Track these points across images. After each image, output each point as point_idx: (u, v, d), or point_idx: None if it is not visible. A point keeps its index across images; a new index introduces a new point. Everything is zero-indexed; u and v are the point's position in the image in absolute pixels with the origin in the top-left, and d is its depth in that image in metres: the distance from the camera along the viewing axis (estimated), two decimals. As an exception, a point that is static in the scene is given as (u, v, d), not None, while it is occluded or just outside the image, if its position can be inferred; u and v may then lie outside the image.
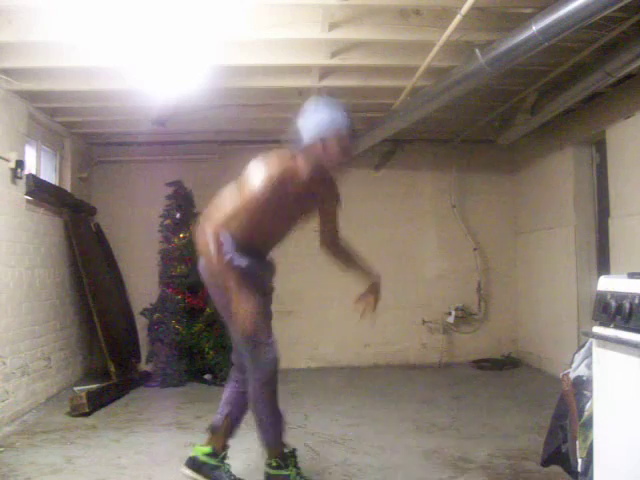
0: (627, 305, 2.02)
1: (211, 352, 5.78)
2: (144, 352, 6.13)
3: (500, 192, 6.87)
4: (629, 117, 4.52)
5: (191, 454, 2.94)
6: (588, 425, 2.28)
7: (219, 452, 2.91)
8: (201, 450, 2.92)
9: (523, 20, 3.38)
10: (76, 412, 4.48)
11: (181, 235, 5.98)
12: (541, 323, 6.19)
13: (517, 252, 6.81)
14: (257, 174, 2.57)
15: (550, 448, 2.64)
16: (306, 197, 2.76)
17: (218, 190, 2.79)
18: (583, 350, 2.45)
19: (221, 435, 2.93)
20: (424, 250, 6.81)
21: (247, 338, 2.64)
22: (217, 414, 2.99)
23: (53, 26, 3.68)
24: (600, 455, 2.17)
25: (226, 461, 2.94)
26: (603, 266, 5.15)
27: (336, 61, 4.22)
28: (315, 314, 6.56)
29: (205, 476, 2.88)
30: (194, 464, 2.91)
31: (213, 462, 2.89)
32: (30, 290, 4.81)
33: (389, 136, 5.83)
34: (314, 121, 2.62)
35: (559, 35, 3.21)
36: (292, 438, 3.14)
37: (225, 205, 2.58)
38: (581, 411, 2.38)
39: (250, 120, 5.87)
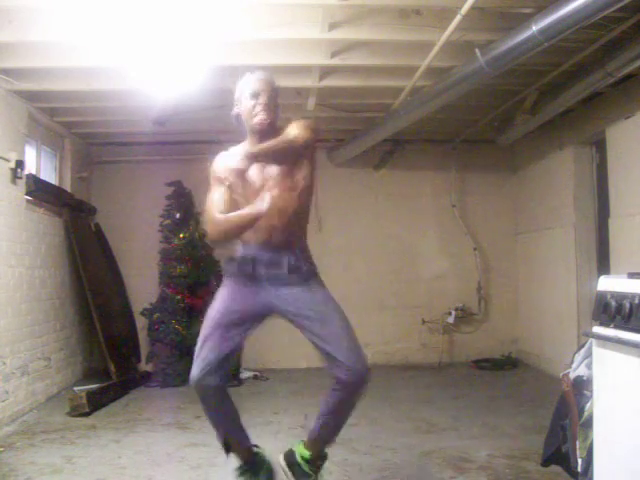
0: (627, 305, 2.02)
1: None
2: (144, 352, 6.13)
3: (500, 192, 6.87)
4: (629, 117, 4.51)
5: (292, 448, 2.80)
6: (588, 425, 2.28)
7: (316, 462, 2.75)
8: (302, 452, 2.75)
9: (523, 20, 3.38)
10: (76, 412, 4.48)
11: (181, 235, 5.98)
12: (541, 323, 6.19)
13: (517, 252, 6.81)
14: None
15: (550, 448, 2.64)
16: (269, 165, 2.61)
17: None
18: (583, 350, 2.45)
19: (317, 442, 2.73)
20: (424, 250, 6.80)
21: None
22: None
23: (53, 26, 3.68)
24: (600, 455, 2.17)
25: (320, 473, 2.77)
26: (603, 266, 5.15)
27: (336, 61, 4.22)
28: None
29: (294, 475, 2.74)
30: (290, 459, 2.76)
31: (306, 469, 2.73)
32: (30, 290, 4.81)
33: (389, 136, 5.83)
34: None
35: (559, 35, 3.21)
36: (293, 438, 3.14)
37: None
38: (581, 411, 2.38)
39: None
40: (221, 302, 2.62)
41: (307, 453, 2.73)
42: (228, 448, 2.73)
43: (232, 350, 2.59)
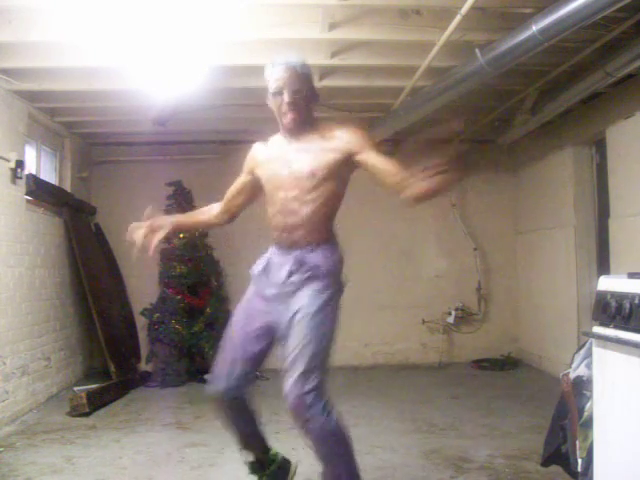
0: (627, 305, 2.02)
1: (211, 352, 5.77)
2: (144, 352, 6.13)
3: (500, 192, 6.87)
4: (629, 117, 4.51)
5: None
6: (588, 425, 2.28)
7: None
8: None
9: (523, 20, 3.38)
10: (76, 412, 4.48)
11: (181, 235, 5.97)
12: (541, 323, 6.19)
13: (517, 252, 6.81)
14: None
15: (550, 448, 2.64)
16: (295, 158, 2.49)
17: (218, 190, 2.79)
18: (583, 350, 2.45)
19: None
20: (424, 250, 6.80)
21: None
22: None
23: (53, 26, 3.68)
24: (600, 455, 2.17)
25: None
26: (603, 266, 5.15)
27: (336, 61, 4.22)
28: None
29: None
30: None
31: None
32: (30, 290, 4.81)
33: (389, 136, 5.83)
34: None
35: (559, 35, 3.21)
36: (292, 438, 3.14)
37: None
38: (581, 411, 2.38)
39: (250, 120, 5.86)
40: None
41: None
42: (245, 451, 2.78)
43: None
